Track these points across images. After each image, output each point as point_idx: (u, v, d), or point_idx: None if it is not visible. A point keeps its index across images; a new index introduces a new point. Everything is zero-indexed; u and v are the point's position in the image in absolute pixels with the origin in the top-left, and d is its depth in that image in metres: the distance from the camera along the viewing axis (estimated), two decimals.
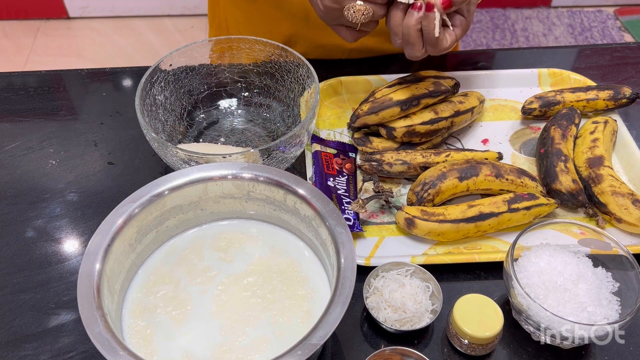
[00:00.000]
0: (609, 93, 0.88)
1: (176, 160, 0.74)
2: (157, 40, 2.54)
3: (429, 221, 0.72)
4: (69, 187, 0.83)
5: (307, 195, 0.64)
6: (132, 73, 1.01)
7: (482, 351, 0.64)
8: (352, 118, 0.84)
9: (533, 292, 0.63)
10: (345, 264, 0.58)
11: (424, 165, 0.80)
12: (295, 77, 0.86)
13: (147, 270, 0.66)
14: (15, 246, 0.76)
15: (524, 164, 0.85)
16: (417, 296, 0.66)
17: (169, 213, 0.67)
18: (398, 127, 0.81)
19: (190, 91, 0.90)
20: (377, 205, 0.79)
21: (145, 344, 0.60)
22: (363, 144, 0.84)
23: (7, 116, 0.94)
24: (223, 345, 0.60)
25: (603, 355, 0.65)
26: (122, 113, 0.94)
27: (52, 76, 1.02)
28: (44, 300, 0.70)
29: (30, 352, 0.66)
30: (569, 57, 1.05)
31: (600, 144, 0.81)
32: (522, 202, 0.74)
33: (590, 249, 0.67)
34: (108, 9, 2.60)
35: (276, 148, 0.74)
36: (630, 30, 2.55)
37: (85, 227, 0.78)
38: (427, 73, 0.86)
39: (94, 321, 0.54)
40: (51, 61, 2.42)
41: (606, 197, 0.75)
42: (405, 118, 0.82)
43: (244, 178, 0.67)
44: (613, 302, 0.63)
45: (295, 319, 0.62)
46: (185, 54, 0.86)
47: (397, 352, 0.61)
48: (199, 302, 0.63)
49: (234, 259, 0.67)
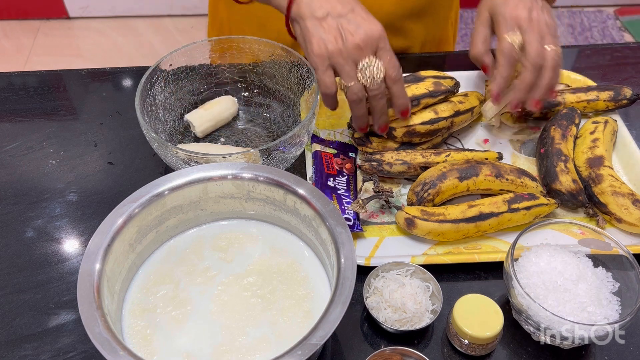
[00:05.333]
0: (609, 94, 0.88)
1: (176, 160, 0.74)
2: (157, 40, 2.54)
3: (429, 221, 0.72)
4: (69, 187, 0.83)
5: (307, 195, 0.64)
6: (132, 73, 1.01)
7: (482, 351, 0.64)
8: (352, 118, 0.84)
9: (533, 292, 0.63)
10: (345, 264, 0.58)
11: (424, 165, 0.80)
12: (295, 77, 0.86)
13: (147, 270, 0.66)
14: (15, 246, 0.76)
15: (524, 164, 0.85)
16: (417, 296, 0.66)
17: (169, 213, 0.67)
18: (398, 127, 0.81)
19: (190, 91, 0.90)
20: (377, 205, 0.79)
21: (145, 344, 0.60)
22: (363, 144, 0.84)
23: (7, 116, 0.94)
24: (223, 345, 0.60)
25: (603, 355, 0.65)
26: (122, 113, 0.94)
27: (52, 76, 1.02)
28: (44, 300, 0.70)
29: (30, 352, 0.66)
30: (569, 57, 1.05)
31: (600, 144, 0.81)
32: (522, 202, 0.74)
33: (591, 249, 0.67)
34: (108, 9, 2.60)
35: (276, 148, 0.74)
36: (630, 30, 2.55)
37: (85, 227, 0.78)
38: (427, 73, 0.86)
39: (94, 321, 0.54)
40: (51, 61, 2.42)
41: (606, 197, 0.75)
42: (406, 121, 0.81)
43: (244, 178, 0.67)
44: (613, 302, 0.63)
45: (295, 319, 0.62)
46: (185, 54, 0.86)
47: (397, 352, 0.61)
48: (199, 302, 0.63)
49: (234, 259, 0.67)
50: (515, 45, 0.78)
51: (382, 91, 0.74)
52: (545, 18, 0.79)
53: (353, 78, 0.72)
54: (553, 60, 0.77)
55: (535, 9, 0.78)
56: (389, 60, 0.73)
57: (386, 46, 0.73)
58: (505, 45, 0.78)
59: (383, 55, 0.73)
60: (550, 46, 0.77)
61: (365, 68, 0.72)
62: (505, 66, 0.79)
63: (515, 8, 0.79)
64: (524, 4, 0.79)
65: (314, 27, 0.72)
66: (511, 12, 0.79)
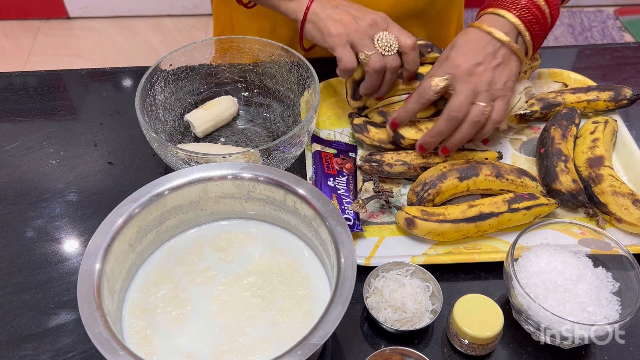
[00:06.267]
0: (609, 94, 0.88)
1: (176, 160, 0.74)
2: (157, 40, 2.54)
3: (429, 221, 0.72)
4: (69, 187, 0.83)
5: (307, 195, 0.64)
6: (132, 73, 1.01)
7: (482, 351, 0.64)
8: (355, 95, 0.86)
9: (533, 292, 0.63)
10: (345, 264, 0.58)
11: (424, 166, 0.80)
12: (295, 77, 0.86)
13: (147, 270, 0.66)
14: (15, 246, 0.76)
15: (524, 164, 0.85)
16: (417, 296, 0.66)
17: (169, 213, 0.67)
18: (408, 137, 0.81)
19: (190, 91, 0.90)
20: (377, 205, 0.79)
21: (145, 344, 0.60)
22: (360, 132, 0.84)
23: (7, 116, 0.94)
24: (223, 345, 0.60)
25: (603, 355, 0.65)
26: (122, 113, 0.94)
27: (52, 76, 1.02)
28: (44, 300, 0.70)
29: (30, 352, 0.66)
30: (569, 57, 1.05)
31: (600, 144, 0.81)
32: (522, 202, 0.74)
33: (591, 249, 0.67)
34: (108, 9, 2.60)
35: (276, 148, 0.74)
36: (630, 30, 2.55)
37: (85, 227, 0.78)
38: None
39: (94, 321, 0.54)
40: (51, 61, 2.42)
41: (606, 197, 0.75)
42: (415, 128, 0.82)
43: (244, 178, 0.67)
44: (613, 302, 0.63)
45: (295, 319, 0.62)
46: (185, 54, 0.86)
47: (397, 352, 0.61)
48: (199, 302, 0.63)
49: (234, 259, 0.67)
50: (435, 88, 0.77)
51: (398, 63, 0.81)
52: (492, 76, 0.76)
53: (372, 49, 0.79)
54: (475, 116, 0.75)
55: (484, 64, 0.76)
56: (400, 31, 0.81)
57: (394, 23, 0.82)
58: (425, 84, 0.78)
59: (393, 29, 0.81)
60: (480, 103, 0.76)
61: (381, 39, 0.79)
62: (412, 100, 0.79)
63: (463, 56, 0.77)
64: (475, 56, 0.77)
65: (328, 16, 0.80)
66: (456, 58, 0.77)
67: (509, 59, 0.78)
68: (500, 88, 0.77)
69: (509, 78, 0.78)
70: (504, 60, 0.78)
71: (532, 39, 0.78)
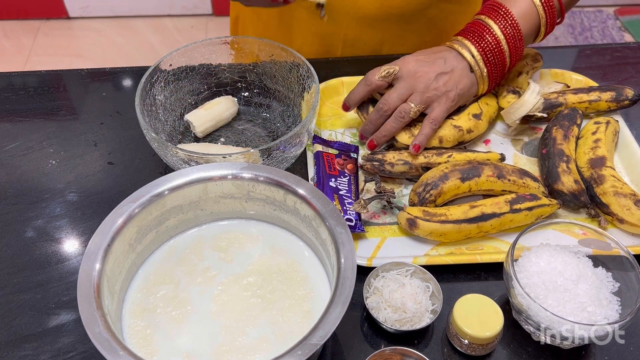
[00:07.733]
0: (611, 94, 0.88)
1: (176, 160, 0.74)
2: (157, 40, 2.54)
3: (431, 222, 0.72)
4: (69, 187, 0.83)
5: (307, 195, 0.64)
6: (132, 73, 1.01)
7: (482, 351, 0.64)
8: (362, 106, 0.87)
9: (533, 292, 0.63)
10: (345, 264, 0.57)
11: (426, 166, 0.80)
12: (295, 77, 0.86)
13: (147, 270, 0.66)
14: (15, 246, 0.76)
15: (525, 164, 0.85)
16: (417, 296, 0.66)
17: (169, 213, 0.67)
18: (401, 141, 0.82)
19: (190, 91, 0.90)
20: (379, 205, 0.79)
21: (145, 344, 0.60)
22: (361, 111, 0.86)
23: (7, 116, 0.94)
24: (223, 345, 0.60)
25: (603, 355, 0.65)
26: (122, 113, 0.94)
27: (52, 76, 1.02)
28: (44, 300, 0.70)
29: (30, 352, 0.66)
30: (569, 57, 1.05)
31: (602, 144, 0.81)
32: (524, 202, 0.74)
33: (591, 249, 0.67)
34: (108, 9, 2.61)
35: (276, 148, 0.74)
36: (630, 30, 2.55)
37: (85, 227, 0.78)
38: None
39: (94, 321, 0.54)
40: (51, 61, 2.43)
41: (608, 197, 0.75)
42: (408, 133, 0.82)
43: (244, 178, 0.67)
44: (613, 302, 0.63)
45: (295, 319, 0.62)
46: (185, 54, 0.85)
47: (397, 352, 0.61)
48: (199, 302, 0.63)
49: (234, 259, 0.67)
50: (382, 73, 0.81)
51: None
52: (439, 85, 0.80)
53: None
54: (399, 112, 0.80)
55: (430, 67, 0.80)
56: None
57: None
58: (370, 74, 0.82)
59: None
60: (410, 104, 0.80)
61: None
62: (360, 84, 0.84)
63: (416, 61, 0.81)
64: (429, 66, 0.80)
65: None
66: (409, 62, 0.81)
67: (462, 72, 0.81)
68: (439, 94, 0.80)
69: (454, 88, 0.80)
70: (454, 70, 0.81)
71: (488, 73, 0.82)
